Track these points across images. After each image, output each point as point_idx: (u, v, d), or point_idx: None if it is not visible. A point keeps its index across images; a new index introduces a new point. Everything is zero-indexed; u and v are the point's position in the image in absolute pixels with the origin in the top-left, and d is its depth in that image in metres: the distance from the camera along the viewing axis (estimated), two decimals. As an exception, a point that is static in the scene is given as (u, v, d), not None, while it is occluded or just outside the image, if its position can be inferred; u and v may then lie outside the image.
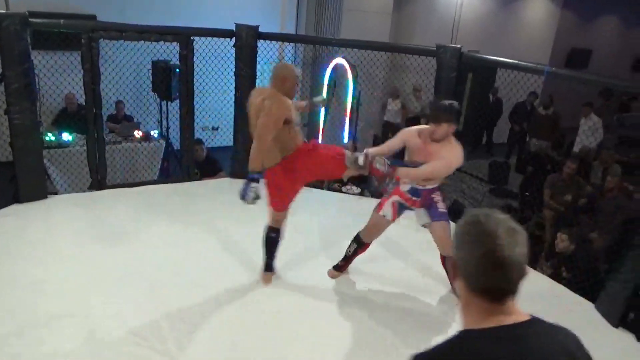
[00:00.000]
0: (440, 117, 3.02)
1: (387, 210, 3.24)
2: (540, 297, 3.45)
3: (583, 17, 12.41)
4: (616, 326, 3.23)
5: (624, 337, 3.16)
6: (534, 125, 7.98)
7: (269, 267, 3.38)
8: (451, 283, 3.30)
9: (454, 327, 3.07)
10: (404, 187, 3.18)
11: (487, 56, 4.48)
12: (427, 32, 8.88)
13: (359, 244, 3.39)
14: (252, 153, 2.94)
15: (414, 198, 3.18)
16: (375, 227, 3.33)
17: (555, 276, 4.07)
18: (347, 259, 3.48)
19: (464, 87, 4.61)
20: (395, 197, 3.23)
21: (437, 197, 3.23)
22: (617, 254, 3.86)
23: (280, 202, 3.18)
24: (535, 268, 4.19)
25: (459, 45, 4.48)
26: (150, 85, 6.19)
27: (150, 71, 6.05)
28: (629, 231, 3.91)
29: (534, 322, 1.20)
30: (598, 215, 5.30)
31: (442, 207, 3.22)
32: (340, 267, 3.53)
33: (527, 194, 5.98)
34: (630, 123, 8.31)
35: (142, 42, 4.83)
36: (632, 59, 13.68)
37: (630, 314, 3.25)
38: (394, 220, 3.27)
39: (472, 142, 8.68)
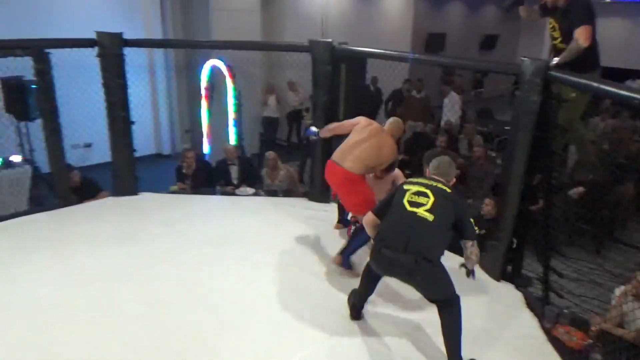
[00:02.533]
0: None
1: None
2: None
3: (435, 4, 13.56)
4: (498, 280, 3.63)
5: (505, 287, 3.57)
6: (409, 109, 8.59)
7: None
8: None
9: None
10: None
11: (357, 48, 4.70)
12: (296, 28, 9.06)
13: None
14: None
15: None
16: None
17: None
18: None
19: (339, 79, 4.78)
20: None
21: None
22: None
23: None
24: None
25: (329, 40, 4.64)
26: (3, 106, 5.52)
27: (1, 90, 5.39)
28: (496, 194, 4.39)
29: None
30: (470, 183, 5.88)
31: None
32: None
33: (409, 172, 6.41)
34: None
35: (-13, 59, 4.30)
36: (479, 38, 15.27)
37: (508, 267, 3.68)
38: None
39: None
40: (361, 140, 3.50)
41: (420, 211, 2.62)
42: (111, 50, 4.64)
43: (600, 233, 5.19)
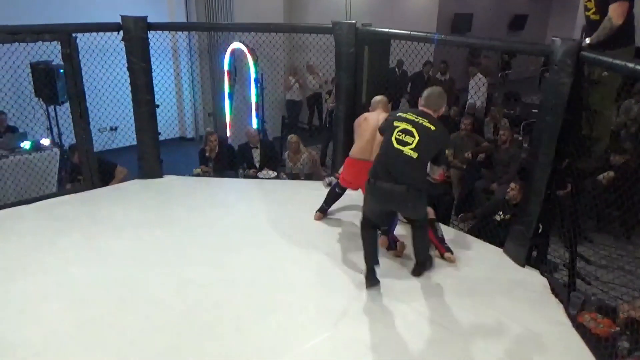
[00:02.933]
0: None
1: None
2: (454, 247, 3.74)
3: (461, -17, 13.20)
4: (523, 265, 3.57)
5: (530, 273, 3.51)
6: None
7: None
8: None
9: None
10: None
11: (381, 29, 4.62)
12: (320, 10, 8.95)
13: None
14: None
15: None
16: None
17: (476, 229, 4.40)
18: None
19: (363, 61, 4.72)
20: None
21: None
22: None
23: None
24: (447, 224, 4.49)
25: (353, 21, 4.57)
26: (33, 90, 5.65)
27: (30, 75, 5.51)
28: (522, 179, 4.30)
29: None
30: (496, 167, 5.78)
31: None
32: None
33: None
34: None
35: (17, 44, 4.38)
36: (508, 18, 14.84)
37: (533, 253, 3.62)
38: None
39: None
40: (371, 135, 3.76)
41: (406, 149, 2.99)
42: (136, 34, 4.67)
43: (631, 219, 5.05)
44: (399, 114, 3.13)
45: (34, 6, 6.49)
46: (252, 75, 6.31)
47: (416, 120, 3.04)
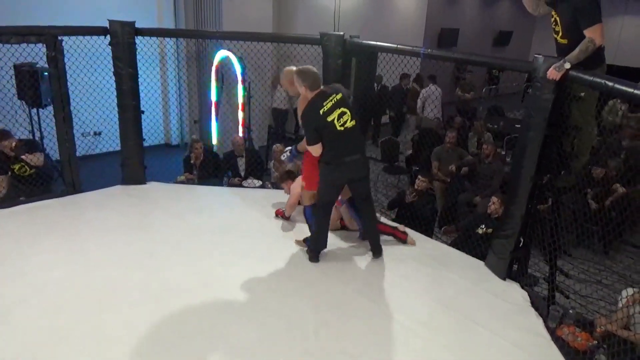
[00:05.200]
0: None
1: None
2: (436, 260, 3.78)
3: (449, -1, 13.43)
4: (504, 278, 3.61)
5: (511, 286, 3.55)
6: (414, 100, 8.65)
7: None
8: None
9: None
10: None
11: (369, 42, 4.67)
12: (309, 21, 9.02)
13: None
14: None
15: None
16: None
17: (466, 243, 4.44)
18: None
19: (350, 73, 4.76)
20: None
21: None
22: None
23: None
24: (430, 236, 4.52)
25: (341, 33, 4.61)
26: (15, 93, 5.56)
27: (14, 76, 5.43)
28: (504, 193, 4.36)
29: None
30: (479, 181, 5.85)
31: None
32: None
33: (416, 168, 6.39)
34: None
35: (1, 45, 4.32)
36: (493, 34, 15.12)
37: (514, 266, 3.66)
38: None
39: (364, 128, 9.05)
40: None
41: (348, 124, 3.37)
42: (123, 38, 4.65)
43: (609, 234, 5.14)
44: (322, 109, 3.32)
45: (19, 7, 6.43)
46: (239, 76, 6.28)
47: (335, 99, 3.35)
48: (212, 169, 5.86)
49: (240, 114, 6.41)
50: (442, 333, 2.97)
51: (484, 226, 4.44)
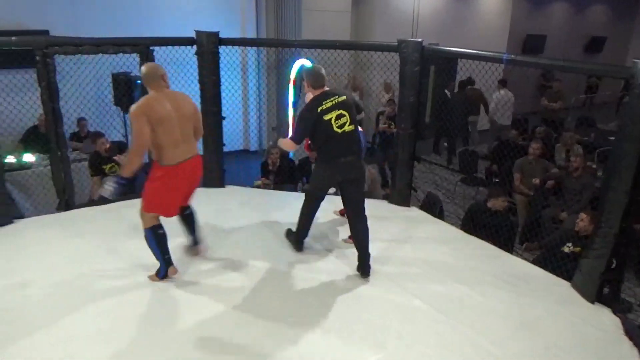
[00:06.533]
0: None
1: None
2: (517, 278, 3.56)
3: (536, 3, 12.80)
4: (593, 302, 3.33)
5: (601, 311, 3.26)
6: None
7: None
8: None
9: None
10: None
11: (448, 48, 4.54)
12: (386, 28, 8.98)
13: None
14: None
15: None
16: None
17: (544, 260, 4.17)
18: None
19: (427, 81, 4.66)
20: None
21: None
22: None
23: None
24: (510, 252, 4.28)
25: (419, 39, 4.53)
26: (112, 99, 6.03)
27: (111, 85, 5.89)
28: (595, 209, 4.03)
29: None
30: (566, 195, 5.46)
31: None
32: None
33: (496, 180, 6.11)
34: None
35: (100, 55, 4.70)
36: (584, 40, 14.18)
37: (605, 289, 3.36)
38: None
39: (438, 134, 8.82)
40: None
41: (346, 128, 3.43)
42: (208, 48, 4.89)
43: None
44: (322, 107, 3.38)
45: (115, 20, 6.97)
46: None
47: (337, 101, 3.41)
48: (288, 174, 5.97)
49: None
50: (521, 357, 2.78)
51: (570, 244, 4.13)
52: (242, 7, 8.52)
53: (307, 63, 6.36)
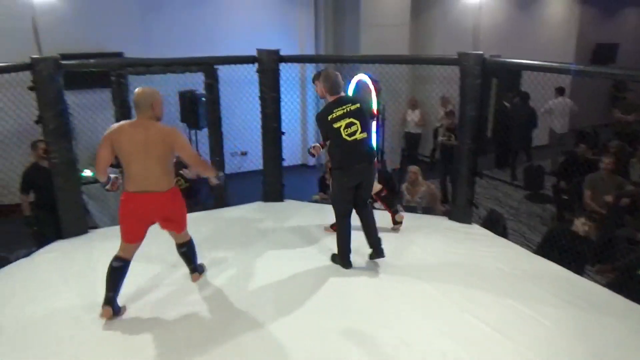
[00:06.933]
0: None
1: None
2: (588, 303, 3.34)
3: (605, 11, 12.18)
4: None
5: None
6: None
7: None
8: None
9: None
10: None
11: (510, 60, 4.41)
12: (446, 40, 8.85)
13: None
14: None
15: None
16: None
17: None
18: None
19: (489, 94, 4.54)
20: None
21: None
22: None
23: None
24: (581, 274, 4.03)
25: (480, 52, 4.43)
26: (179, 116, 6.33)
27: (178, 102, 6.20)
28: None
29: None
30: (642, 214, 5.11)
31: None
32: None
33: (565, 197, 5.81)
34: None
35: (168, 74, 4.96)
36: (661, 49, 13.29)
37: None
38: None
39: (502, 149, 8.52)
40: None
41: (357, 136, 3.58)
42: (269, 65, 5.02)
43: None
44: (331, 115, 3.57)
45: (182, 40, 7.33)
46: (375, 106, 6.37)
47: (348, 109, 3.58)
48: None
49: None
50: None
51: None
52: (301, 24, 8.72)
53: (366, 78, 6.41)
